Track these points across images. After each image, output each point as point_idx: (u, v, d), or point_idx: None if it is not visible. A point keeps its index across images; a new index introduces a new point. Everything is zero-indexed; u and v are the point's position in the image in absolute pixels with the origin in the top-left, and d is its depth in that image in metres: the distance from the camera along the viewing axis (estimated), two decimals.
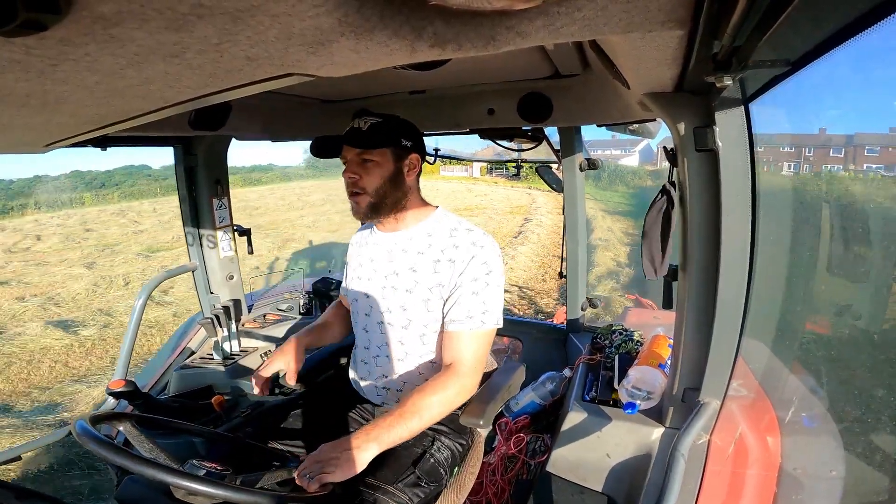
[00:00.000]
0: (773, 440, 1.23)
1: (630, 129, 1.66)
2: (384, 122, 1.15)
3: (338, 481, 0.92)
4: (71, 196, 28.43)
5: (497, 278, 1.18)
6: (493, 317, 1.17)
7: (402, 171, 1.19)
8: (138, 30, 0.34)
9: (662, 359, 1.44)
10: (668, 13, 0.48)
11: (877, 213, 1.76)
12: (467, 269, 1.15)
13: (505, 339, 2.79)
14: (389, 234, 1.27)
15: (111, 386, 1.57)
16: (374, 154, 1.16)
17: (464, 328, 1.15)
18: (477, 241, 1.18)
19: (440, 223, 1.24)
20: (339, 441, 0.99)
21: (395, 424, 1.02)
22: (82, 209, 24.04)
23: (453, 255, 1.17)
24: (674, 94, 0.93)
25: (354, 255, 1.38)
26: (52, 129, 0.69)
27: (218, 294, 2.15)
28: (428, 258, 1.20)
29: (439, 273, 1.18)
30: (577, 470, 1.39)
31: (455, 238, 1.19)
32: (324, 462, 0.94)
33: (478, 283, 1.15)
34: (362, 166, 1.17)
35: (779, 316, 1.48)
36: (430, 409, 1.07)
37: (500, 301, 1.19)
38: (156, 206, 21.57)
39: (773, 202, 1.01)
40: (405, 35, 0.42)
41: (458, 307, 1.16)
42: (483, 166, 6.18)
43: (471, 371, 1.15)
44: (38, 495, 0.92)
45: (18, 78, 0.40)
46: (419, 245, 1.22)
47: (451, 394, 1.11)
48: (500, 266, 1.20)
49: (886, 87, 2.20)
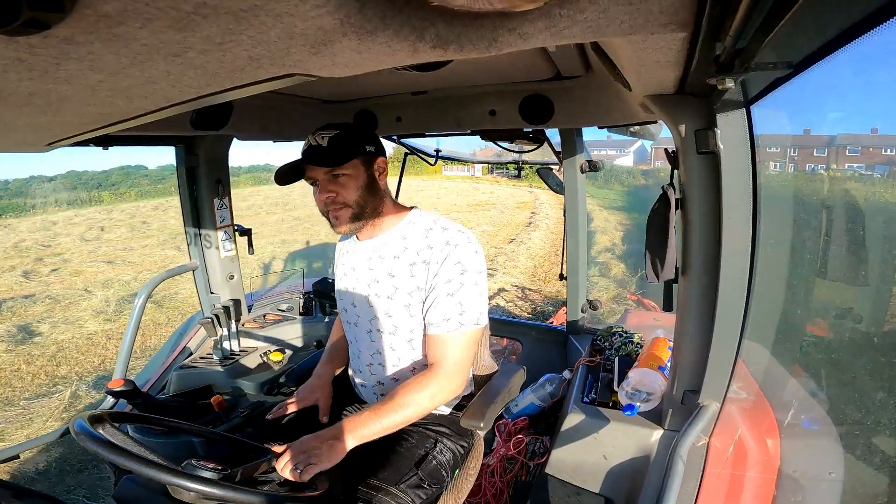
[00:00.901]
0: (773, 443, 1.23)
1: (631, 130, 1.66)
2: (343, 133, 1.12)
3: (324, 469, 0.96)
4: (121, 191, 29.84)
5: (473, 277, 1.14)
6: (470, 317, 1.14)
7: (374, 178, 1.17)
8: (142, 29, 0.34)
9: (662, 361, 1.44)
10: (671, 15, 0.48)
11: (858, 211, 1.78)
12: (441, 270, 1.13)
13: (504, 341, 2.79)
14: (366, 241, 1.25)
15: (110, 385, 1.57)
16: (345, 168, 1.13)
17: (442, 331, 1.14)
18: (451, 239, 1.14)
19: (415, 224, 1.21)
20: (319, 433, 1.02)
21: (372, 419, 1.05)
22: (135, 203, 25.14)
23: (427, 257, 1.14)
24: (675, 96, 0.93)
25: (339, 265, 1.36)
26: (55, 129, 0.69)
27: (218, 294, 2.15)
28: (404, 262, 1.17)
29: (416, 276, 1.15)
30: (577, 472, 1.39)
31: (429, 238, 1.16)
32: (308, 452, 0.97)
33: (452, 283, 1.12)
34: (336, 182, 1.13)
35: (779, 318, 1.48)
36: (409, 407, 1.08)
37: (479, 300, 1.15)
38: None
39: (765, 202, 1.01)
40: (407, 36, 0.42)
41: (434, 310, 1.14)
42: (485, 166, 6.27)
43: (451, 373, 1.14)
44: (37, 494, 0.92)
45: (22, 77, 0.40)
46: (394, 249, 1.20)
47: (429, 394, 1.10)
48: (478, 263, 1.15)
49: (887, 89, 2.19)
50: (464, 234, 1.18)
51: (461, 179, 29.17)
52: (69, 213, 21.63)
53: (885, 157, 4.20)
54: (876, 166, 4.73)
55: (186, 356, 2.10)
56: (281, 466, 0.96)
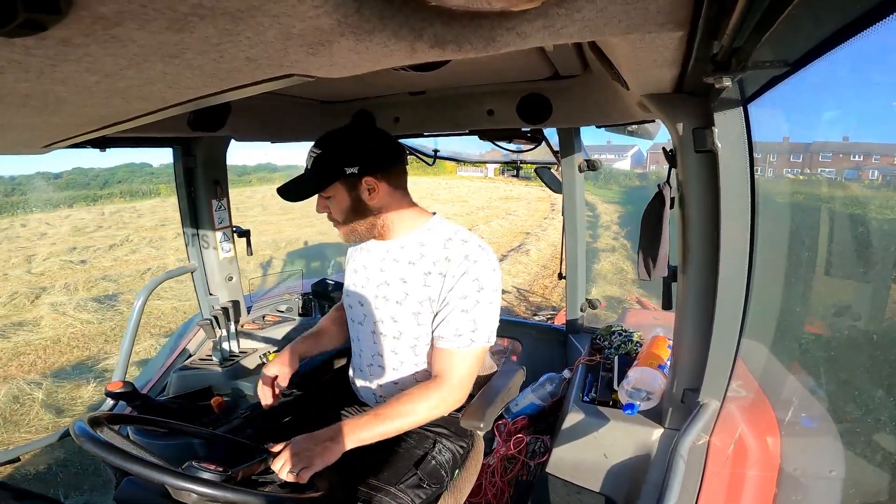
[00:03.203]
0: (773, 441, 1.23)
1: (629, 130, 1.66)
2: (324, 154, 1.11)
3: (317, 469, 0.95)
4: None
5: (489, 295, 1.12)
6: (483, 335, 1.12)
7: (360, 199, 1.13)
8: (139, 30, 0.33)
9: (662, 360, 1.44)
10: (668, 14, 0.48)
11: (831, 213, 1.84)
12: (458, 285, 1.10)
13: (504, 340, 2.79)
14: (381, 242, 1.24)
15: (110, 387, 1.57)
16: (326, 191, 1.13)
17: (452, 346, 1.12)
18: (471, 254, 1.12)
19: (433, 232, 1.18)
20: (314, 434, 1.02)
21: (370, 423, 1.04)
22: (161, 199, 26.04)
23: (444, 269, 1.12)
24: (673, 95, 0.93)
25: (351, 261, 1.36)
26: (52, 130, 0.69)
27: (217, 295, 2.14)
28: (419, 270, 1.15)
29: (430, 287, 1.13)
30: (577, 471, 1.39)
31: (448, 250, 1.14)
32: (301, 454, 0.97)
33: (468, 300, 1.10)
34: (325, 200, 1.16)
35: (778, 316, 1.48)
36: (408, 415, 1.07)
37: (492, 318, 1.14)
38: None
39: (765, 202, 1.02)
40: (405, 36, 0.42)
41: (446, 324, 1.12)
42: (497, 167, 6.40)
43: (456, 387, 1.12)
44: (37, 496, 0.92)
45: (18, 78, 0.40)
46: (410, 255, 1.17)
47: (430, 405, 1.09)
48: (495, 282, 1.13)
49: (885, 88, 2.20)
50: (483, 249, 1.14)
51: (478, 180, 31.77)
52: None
53: (853, 163, 4.50)
54: (845, 171, 5.06)
55: (186, 358, 2.10)
56: (278, 467, 0.96)
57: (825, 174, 4.78)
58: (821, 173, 5.11)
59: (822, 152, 5.47)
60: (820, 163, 5.59)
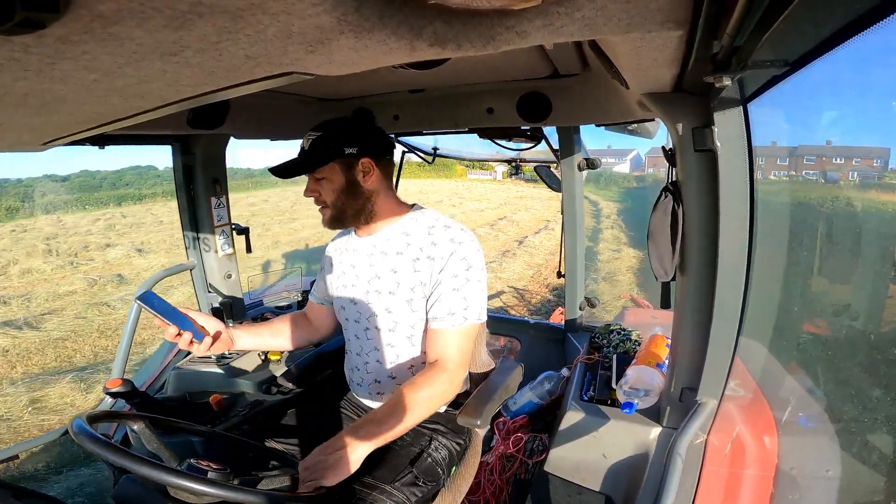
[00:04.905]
0: (770, 440, 1.23)
1: (629, 129, 1.66)
2: (324, 135, 1.14)
3: (333, 484, 0.90)
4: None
5: (477, 273, 1.17)
6: (474, 312, 1.16)
7: (355, 180, 1.17)
8: (137, 28, 0.33)
9: (660, 358, 1.45)
10: (668, 13, 0.48)
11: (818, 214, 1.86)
12: (447, 265, 1.15)
13: (502, 339, 2.79)
14: (366, 237, 1.26)
15: (108, 385, 1.56)
16: (321, 171, 1.16)
17: (446, 325, 1.15)
18: (455, 237, 1.17)
19: (416, 221, 1.23)
20: (329, 443, 0.96)
21: (384, 421, 1.01)
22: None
23: (432, 253, 1.16)
24: (673, 95, 0.93)
25: (336, 263, 1.35)
26: (50, 128, 0.69)
27: (216, 293, 2.14)
28: (407, 258, 1.19)
29: (419, 272, 1.17)
30: (575, 469, 1.40)
31: (433, 235, 1.18)
32: (311, 468, 0.91)
33: (458, 279, 1.15)
34: (317, 182, 1.18)
35: (776, 316, 1.49)
36: (420, 405, 1.06)
37: (481, 296, 1.18)
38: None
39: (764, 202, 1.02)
40: (404, 34, 0.41)
41: (439, 304, 1.15)
42: (505, 171, 6.49)
43: (457, 366, 1.14)
44: (36, 494, 0.92)
45: (17, 77, 0.40)
46: (397, 245, 1.21)
47: (440, 390, 1.10)
48: (480, 261, 1.18)
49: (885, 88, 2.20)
50: (465, 232, 1.20)
51: (487, 182, 33.62)
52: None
53: (835, 166, 4.65)
54: (828, 173, 5.22)
55: (184, 356, 2.10)
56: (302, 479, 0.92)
57: (830, 175, 4.88)
58: (827, 173, 5.22)
59: (825, 153, 5.60)
60: (826, 163, 5.75)
